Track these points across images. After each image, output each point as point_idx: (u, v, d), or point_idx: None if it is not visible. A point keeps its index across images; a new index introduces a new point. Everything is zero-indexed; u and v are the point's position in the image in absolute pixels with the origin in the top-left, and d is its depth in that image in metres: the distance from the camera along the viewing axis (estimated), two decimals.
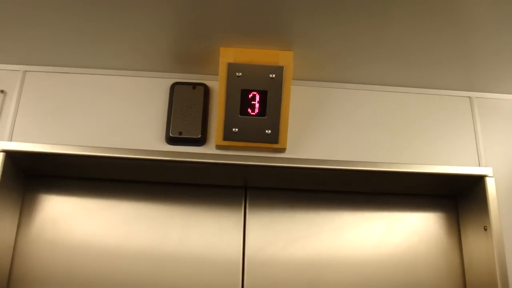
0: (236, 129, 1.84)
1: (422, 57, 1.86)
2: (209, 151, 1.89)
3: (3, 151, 1.84)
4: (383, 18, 1.67)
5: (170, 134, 1.89)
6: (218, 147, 1.88)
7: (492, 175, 1.93)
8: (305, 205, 2.06)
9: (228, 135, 1.84)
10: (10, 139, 1.88)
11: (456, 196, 2.11)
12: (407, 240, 2.06)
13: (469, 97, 2.05)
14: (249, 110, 1.84)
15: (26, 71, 1.98)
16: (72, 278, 1.92)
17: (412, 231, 2.07)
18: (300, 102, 1.95)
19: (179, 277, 1.94)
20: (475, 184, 1.96)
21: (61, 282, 1.92)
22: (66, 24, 1.76)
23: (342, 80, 2.01)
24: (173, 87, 1.95)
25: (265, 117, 1.84)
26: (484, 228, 1.90)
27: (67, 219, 1.99)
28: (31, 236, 1.96)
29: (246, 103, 1.84)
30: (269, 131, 1.84)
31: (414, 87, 2.03)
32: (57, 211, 2.00)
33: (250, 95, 1.85)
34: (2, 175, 1.81)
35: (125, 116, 1.93)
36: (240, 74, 1.84)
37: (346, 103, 2.00)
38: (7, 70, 1.97)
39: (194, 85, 1.95)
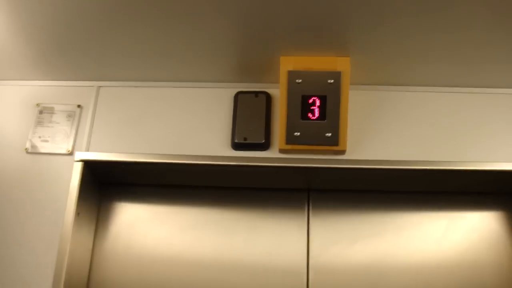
0: (298, 133, 1.91)
1: (478, 57, 1.88)
2: (273, 155, 1.97)
3: (82, 160, 1.97)
4: (437, 20, 1.70)
5: (236, 140, 1.97)
6: (282, 151, 1.95)
7: None
8: (367, 206, 2.10)
9: (290, 139, 1.91)
10: (88, 150, 2.01)
11: None
12: (468, 239, 2.06)
13: None
14: (310, 115, 1.91)
15: (100, 86, 2.11)
16: (145, 283, 2.03)
17: (473, 230, 2.08)
18: (358, 105, 2.01)
19: (245, 280, 2.02)
20: None
21: (135, 284, 2.03)
22: (135, 42, 1.88)
23: (399, 83, 2.05)
24: (237, 96, 2.04)
25: (325, 120, 1.90)
26: None
27: (140, 225, 2.11)
28: (108, 241, 2.09)
29: (306, 108, 1.91)
30: (329, 134, 1.90)
31: (470, 87, 2.05)
32: (131, 217, 2.12)
33: (310, 100, 1.91)
34: (80, 183, 1.94)
35: (193, 125, 2.03)
36: (300, 80, 1.92)
37: (403, 105, 2.04)
38: (82, 86, 2.11)
39: (257, 93, 2.04)
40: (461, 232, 2.08)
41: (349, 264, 2.03)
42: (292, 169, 1.95)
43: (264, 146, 1.97)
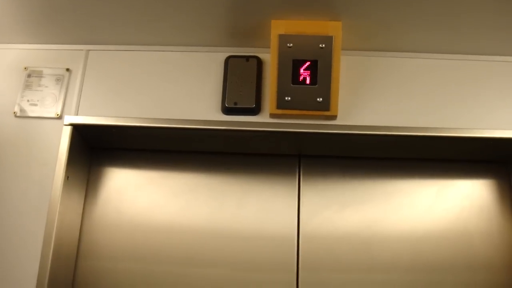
0: (289, 98, 1.89)
1: (471, 24, 1.87)
2: (263, 120, 1.95)
3: (71, 124, 1.95)
4: None
5: (226, 105, 1.96)
6: (272, 115, 1.94)
7: None
8: (357, 172, 2.11)
9: (281, 104, 1.90)
10: (77, 114, 1.99)
11: (507, 162, 2.11)
12: (458, 207, 2.07)
13: None
14: (301, 79, 1.89)
15: (89, 50, 2.08)
16: (135, 247, 2.03)
17: (463, 198, 2.09)
18: (350, 71, 1.99)
19: (236, 245, 2.02)
20: None
21: (125, 249, 2.03)
22: (124, 6, 1.86)
23: (391, 49, 2.03)
24: (228, 60, 2.02)
25: (316, 85, 1.89)
26: None
27: (130, 190, 2.11)
28: (98, 206, 2.09)
29: (297, 72, 1.89)
30: (321, 99, 1.89)
31: (463, 54, 2.04)
32: (121, 182, 2.12)
33: (301, 65, 1.90)
34: (70, 147, 1.92)
35: (184, 89, 2.01)
36: (291, 45, 1.90)
37: (395, 71, 2.02)
38: (71, 50, 2.08)
39: (247, 57, 2.02)
40: (452, 199, 2.09)
41: (339, 229, 2.04)
42: (283, 134, 1.94)
43: (255, 110, 1.96)
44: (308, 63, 1.90)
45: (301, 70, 1.90)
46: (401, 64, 2.04)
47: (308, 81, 1.90)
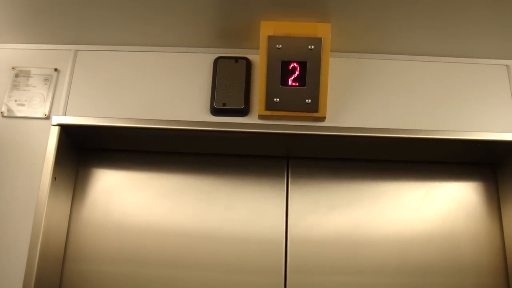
0: (278, 99, 1.89)
1: (459, 27, 1.88)
2: (252, 121, 1.95)
3: (58, 125, 1.94)
4: None
5: (215, 106, 1.95)
6: (261, 117, 1.94)
7: None
8: (345, 174, 2.11)
9: (270, 105, 1.90)
10: (65, 114, 1.98)
11: (494, 164, 2.12)
12: (446, 209, 2.08)
13: (506, 65, 2.05)
14: (290, 81, 1.89)
15: (78, 50, 2.07)
16: (123, 249, 2.02)
17: (451, 200, 2.09)
18: (338, 72, 1.99)
19: (224, 248, 2.02)
20: None
21: (112, 252, 2.02)
22: (113, 6, 1.85)
23: (380, 51, 2.04)
24: (217, 61, 2.02)
25: (305, 87, 1.89)
26: None
27: (118, 191, 2.10)
28: (85, 207, 2.07)
29: (286, 74, 1.89)
30: (309, 101, 1.89)
31: (451, 57, 2.04)
32: (109, 183, 2.11)
33: (290, 66, 1.89)
34: (57, 148, 1.91)
35: (172, 90, 2.00)
36: (280, 46, 1.90)
37: (384, 73, 2.03)
38: (60, 50, 2.07)
39: (237, 59, 2.01)
40: (439, 201, 2.10)
41: (327, 232, 2.04)
42: (271, 135, 1.94)
43: (243, 111, 1.96)
44: (297, 65, 1.90)
45: (290, 72, 1.90)
46: (390, 66, 2.04)
47: (297, 83, 1.89)
